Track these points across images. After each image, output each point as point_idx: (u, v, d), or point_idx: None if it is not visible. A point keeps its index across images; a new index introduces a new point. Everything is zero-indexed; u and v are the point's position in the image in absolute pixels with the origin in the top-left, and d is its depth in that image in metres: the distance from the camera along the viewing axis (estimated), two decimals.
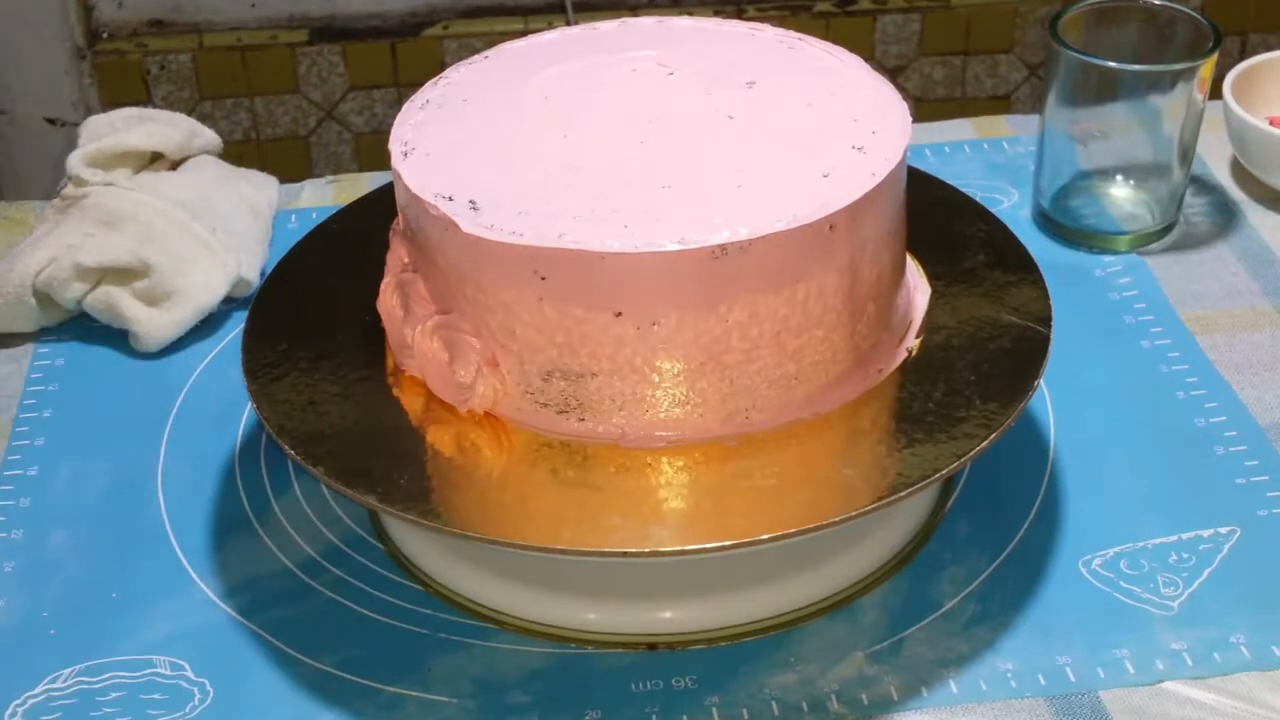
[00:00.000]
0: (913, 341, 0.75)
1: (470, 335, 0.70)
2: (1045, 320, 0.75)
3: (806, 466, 0.70)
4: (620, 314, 0.67)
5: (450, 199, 0.69)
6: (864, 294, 0.71)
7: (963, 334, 0.75)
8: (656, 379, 0.68)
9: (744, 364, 0.68)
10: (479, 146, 0.73)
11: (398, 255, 0.74)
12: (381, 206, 0.78)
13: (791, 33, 0.79)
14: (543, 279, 0.66)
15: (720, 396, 0.69)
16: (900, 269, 0.75)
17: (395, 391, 0.73)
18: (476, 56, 0.80)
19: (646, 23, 0.81)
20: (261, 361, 0.75)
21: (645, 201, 0.68)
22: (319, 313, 0.78)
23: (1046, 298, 0.76)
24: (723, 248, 0.65)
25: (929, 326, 0.76)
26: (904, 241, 0.75)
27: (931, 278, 0.79)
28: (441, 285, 0.71)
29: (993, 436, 0.69)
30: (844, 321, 0.70)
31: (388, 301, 0.73)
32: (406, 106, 0.76)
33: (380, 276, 0.74)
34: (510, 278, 0.67)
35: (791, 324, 0.68)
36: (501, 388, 0.70)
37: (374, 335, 0.76)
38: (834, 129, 0.72)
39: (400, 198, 0.72)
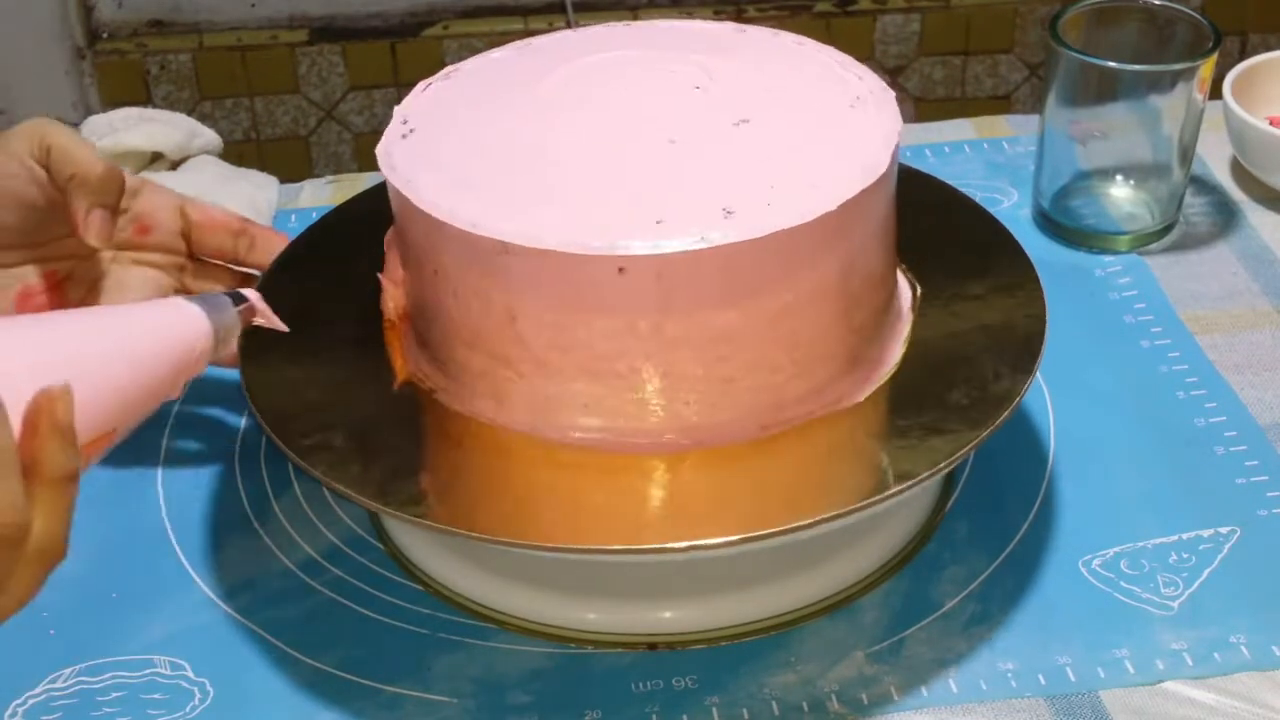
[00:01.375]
0: (909, 341, 0.75)
1: (396, 250, 0.74)
2: (1040, 320, 0.75)
3: (806, 466, 0.70)
4: (436, 271, 0.69)
5: (404, 122, 0.73)
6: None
7: (960, 334, 0.75)
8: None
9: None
10: (477, 98, 0.75)
11: None
12: (379, 204, 0.78)
13: (880, 85, 0.75)
14: (402, 215, 0.71)
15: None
16: (892, 271, 0.75)
17: (396, 391, 0.73)
18: (584, 28, 0.82)
19: (762, 33, 0.80)
20: (261, 361, 0.75)
21: (503, 183, 0.69)
22: (318, 311, 0.78)
23: (1042, 298, 0.76)
24: (505, 246, 0.66)
25: (926, 326, 0.76)
26: (893, 243, 0.75)
27: (930, 278, 0.78)
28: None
29: (986, 433, 0.68)
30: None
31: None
32: (488, 52, 0.80)
33: (378, 275, 0.75)
34: (397, 205, 0.71)
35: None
36: (399, 303, 0.74)
37: (374, 334, 0.76)
38: (770, 178, 0.69)
39: None
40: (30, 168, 0.73)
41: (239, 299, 0.69)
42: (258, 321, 0.69)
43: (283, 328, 0.72)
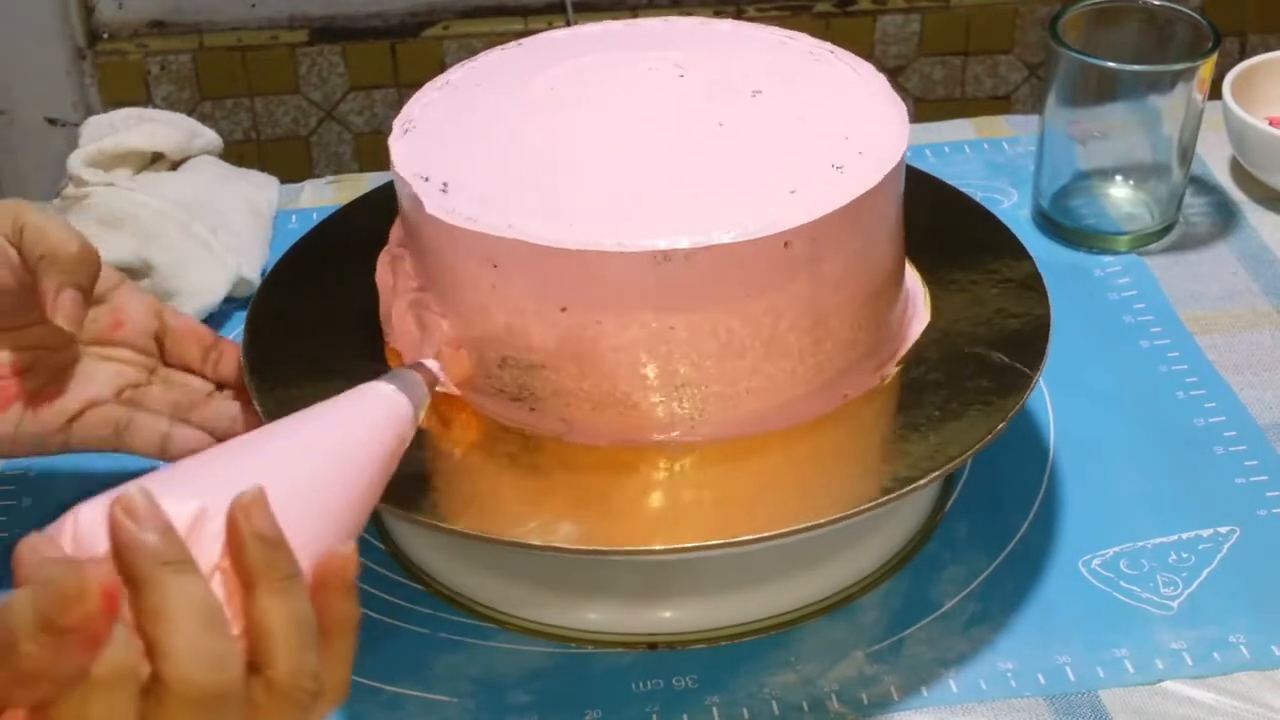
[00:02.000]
0: (912, 342, 0.75)
1: (439, 316, 0.70)
2: (1044, 320, 0.75)
3: (806, 466, 0.70)
4: (565, 309, 0.67)
5: (426, 179, 0.70)
6: (847, 304, 0.70)
7: (961, 334, 0.75)
8: (648, 379, 0.68)
9: (736, 367, 0.68)
10: (472, 131, 0.73)
11: (396, 231, 0.74)
12: (381, 205, 0.78)
13: (826, 45, 0.78)
14: (495, 267, 0.67)
15: (718, 399, 0.69)
16: (897, 273, 0.75)
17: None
18: (512, 43, 0.81)
19: (688, 23, 0.81)
20: (262, 361, 0.75)
21: (603, 200, 0.68)
22: (319, 312, 0.79)
23: (1045, 298, 0.76)
24: (665, 254, 0.65)
25: (928, 327, 0.76)
26: (901, 247, 0.75)
27: (931, 278, 0.79)
28: (420, 262, 0.71)
29: (990, 435, 0.69)
30: (826, 333, 0.70)
31: (382, 274, 0.74)
32: (427, 86, 0.77)
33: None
34: (469, 263, 0.68)
35: (764, 333, 0.68)
36: (465, 369, 0.70)
37: (374, 334, 0.76)
38: (821, 145, 0.71)
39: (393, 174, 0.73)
40: (2, 248, 0.69)
41: (423, 369, 0.67)
42: (438, 389, 0.67)
43: (455, 391, 0.70)
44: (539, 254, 0.66)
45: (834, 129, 0.72)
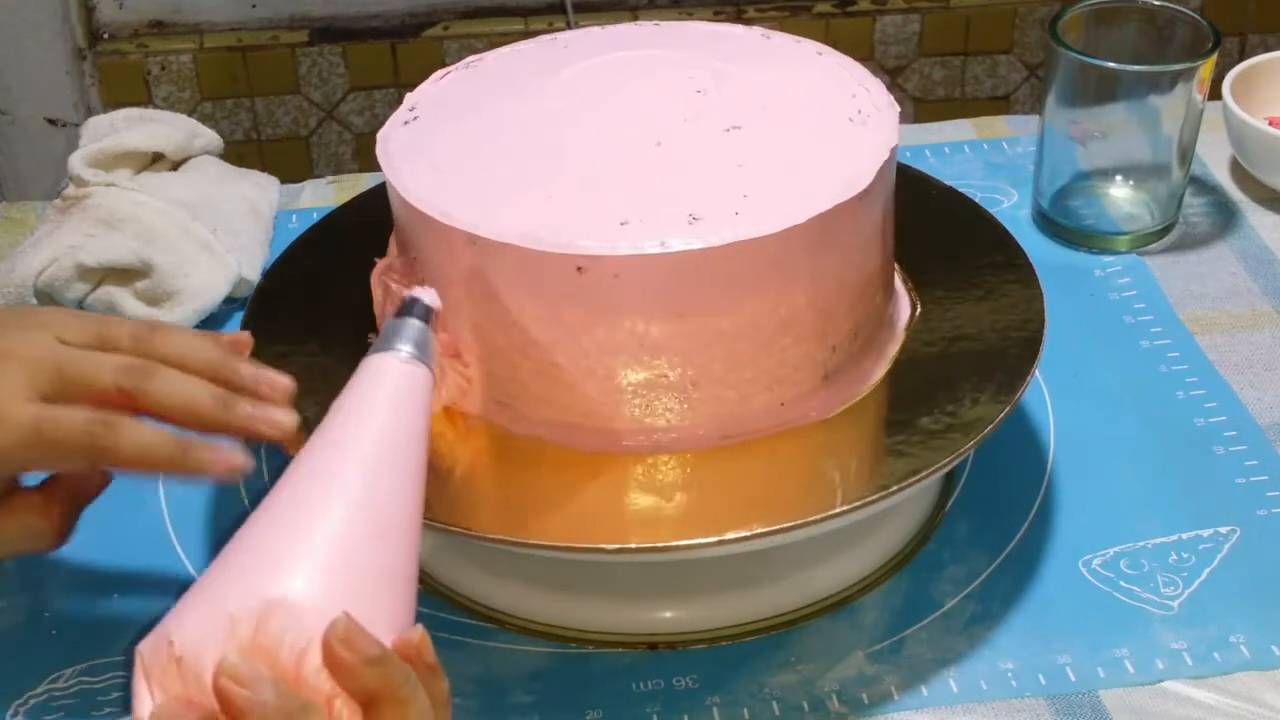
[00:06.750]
0: (908, 342, 0.75)
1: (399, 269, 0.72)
2: (1040, 320, 0.75)
3: (805, 466, 0.70)
4: (465, 287, 0.68)
5: (406, 123, 0.73)
6: (824, 308, 0.69)
7: (959, 334, 0.75)
8: (520, 370, 0.69)
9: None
10: (481, 102, 0.74)
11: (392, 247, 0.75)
12: (379, 204, 0.78)
13: (877, 85, 0.75)
14: (410, 228, 0.69)
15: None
16: (887, 276, 0.75)
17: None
18: (595, 27, 0.81)
19: (783, 40, 0.79)
20: (261, 361, 0.74)
21: (515, 190, 0.68)
22: (318, 311, 0.79)
23: (1041, 298, 0.76)
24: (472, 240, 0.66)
25: (926, 326, 0.76)
26: (889, 249, 0.74)
27: (929, 278, 0.79)
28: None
29: (985, 432, 0.69)
30: (703, 374, 0.69)
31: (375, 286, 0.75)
32: (509, 48, 0.80)
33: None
34: (397, 214, 0.71)
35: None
36: (467, 384, 0.70)
37: (373, 332, 0.76)
38: (749, 183, 0.68)
39: None
40: None
41: (418, 308, 0.62)
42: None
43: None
44: (430, 225, 0.67)
45: (784, 171, 0.69)
